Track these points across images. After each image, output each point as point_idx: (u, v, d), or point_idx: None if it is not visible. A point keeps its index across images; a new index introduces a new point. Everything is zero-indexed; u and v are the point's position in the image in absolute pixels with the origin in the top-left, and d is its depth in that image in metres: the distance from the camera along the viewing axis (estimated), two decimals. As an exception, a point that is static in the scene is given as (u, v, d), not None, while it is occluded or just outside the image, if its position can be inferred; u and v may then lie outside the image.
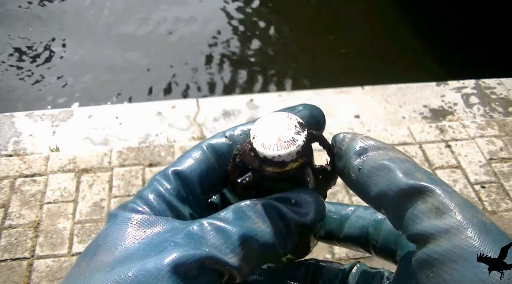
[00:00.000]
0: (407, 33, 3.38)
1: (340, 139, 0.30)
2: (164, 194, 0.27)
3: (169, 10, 3.54)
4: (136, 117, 2.24)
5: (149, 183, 0.29)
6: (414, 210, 0.24)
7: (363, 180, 0.27)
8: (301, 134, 0.27)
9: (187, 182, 0.28)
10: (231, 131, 0.31)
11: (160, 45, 3.28)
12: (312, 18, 3.56)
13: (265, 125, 0.28)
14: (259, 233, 0.25)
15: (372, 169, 0.27)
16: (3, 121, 2.19)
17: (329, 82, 2.58)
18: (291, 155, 0.27)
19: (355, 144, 0.28)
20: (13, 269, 1.62)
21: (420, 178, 0.25)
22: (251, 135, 0.28)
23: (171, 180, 0.28)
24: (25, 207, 1.80)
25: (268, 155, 0.27)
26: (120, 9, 3.54)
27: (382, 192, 0.25)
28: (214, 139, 0.30)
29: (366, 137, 0.29)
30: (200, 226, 0.25)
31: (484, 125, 2.18)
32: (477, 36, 3.26)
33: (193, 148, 0.30)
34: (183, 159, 0.30)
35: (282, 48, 3.39)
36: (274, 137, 0.27)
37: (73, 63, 3.12)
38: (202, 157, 0.29)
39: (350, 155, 0.28)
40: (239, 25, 3.49)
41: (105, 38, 3.30)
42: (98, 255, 0.24)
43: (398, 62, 3.15)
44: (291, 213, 0.27)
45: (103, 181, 1.90)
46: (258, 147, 0.27)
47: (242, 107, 2.31)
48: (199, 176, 0.29)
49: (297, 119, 0.28)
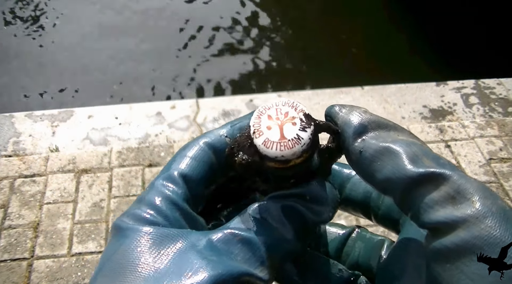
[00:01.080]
0: (407, 33, 3.39)
1: (335, 112, 0.27)
2: (175, 200, 0.25)
3: (169, 11, 3.54)
4: (135, 117, 2.24)
5: (154, 187, 0.26)
6: (427, 199, 0.22)
7: (365, 164, 0.24)
8: (307, 131, 0.25)
9: (193, 185, 0.27)
10: (229, 129, 0.29)
11: (160, 45, 3.27)
12: (313, 18, 3.56)
13: (267, 119, 0.26)
14: (284, 241, 0.24)
15: (375, 152, 0.24)
16: (3, 122, 2.19)
17: (328, 82, 2.58)
18: (296, 154, 0.25)
19: (353, 120, 0.26)
20: (13, 269, 1.62)
21: (428, 164, 0.23)
22: (251, 130, 0.26)
23: (180, 183, 0.26)
24: (24, 207, 1.80)
25: (270, 155, 0.25)
26: (119, 6, 3.54)
27: (388, 179, 0.23)
28: (212, 137, 0.28)
29: (365, 112, 0.26)
30: (224, 238, 0.24)
31: (484, 125, 2.18)
32: (477, 36, 3.27)
33: (190, 146, 0.28)
34: (183, 159, 0.27)
35: (282, 48, 3.39)
36: (277, 134, 0.25)
37: (73, 63, 3.12)
38: (204, 156, 0.27)
39: (349, 133, 0.25)
40: (238, 24, 3.49)
41: (105, 37, 3.30)
42: (123, 275, 0.22)
43: (398, 62, 3.15)
44: (310, 214, 0.25)
45: (103, 181, 1.90)
46: (259, 144, 0.25)
47: (242, 107, 2.31)
48: (203, 178, 0.27)
49: (303, 110, 0.26)
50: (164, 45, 3.28)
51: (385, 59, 3.14)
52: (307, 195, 0.26)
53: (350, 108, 0.27)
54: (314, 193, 0.26)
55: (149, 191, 0.26)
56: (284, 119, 0.25)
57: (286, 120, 0.25)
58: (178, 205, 0.25)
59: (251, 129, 0.26)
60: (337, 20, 3.56)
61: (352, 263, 0.31)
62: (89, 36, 3.31)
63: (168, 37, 3.34)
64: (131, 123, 2.21)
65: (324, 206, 0.26)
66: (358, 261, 0.31)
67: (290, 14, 3.65)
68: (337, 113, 0.27)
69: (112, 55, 3.18)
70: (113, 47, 3.24)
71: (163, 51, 3.23)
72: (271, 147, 0.25)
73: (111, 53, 3.19)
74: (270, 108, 0.26)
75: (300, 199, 0.26)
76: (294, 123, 0.25)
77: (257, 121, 0.26)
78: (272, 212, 0.25)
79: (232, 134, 0.29)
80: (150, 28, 3.39)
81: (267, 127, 0.25)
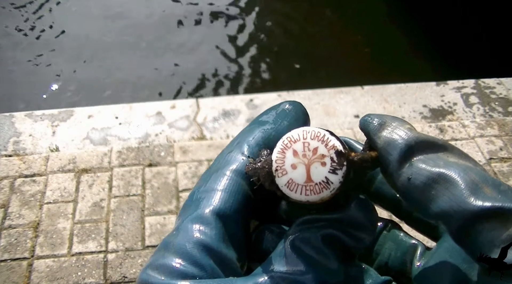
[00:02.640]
0: (407, 32, 3.38)
1: (374, 130, 0.24)
2: (209, 244, 0.22)
3: (170, 11, 3.54)
4: (135, 117, 2.24)
5: (182, 229, 0.23)
6: (492, 237, 0.19)
7: (416, 193, 0.22)
8: (338, 173, 0.22)
9: (228, 222, 0.24)
10: (248, 148, 0.26)
11: (160, 44, 3.27)
12: (313, 18, 3.56)
13: (292, 155, 0.22)
14: (331, 274, 0.22)
15: (427, 180, 0.21)
16: (3, 121, 2.19)
17: (328, 82, 2.58)
18: (323, 199, 0.22)
19: (398, 141, 0.22)
20: (13, 269, 1.62)
21: (490, 194, 0.20)
22: (273, 166, 0.23)
23: (213, 223, 0.23)
24: (24, 207, 1.80)
25: (293, 198, 0.22)
26: (121, 2, 3.54)
27: (445, 212, 0.21)
28: (235, 163, 0.26)
29: (410, 129, 0.23)
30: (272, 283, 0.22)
31: (484, 125, 2.18)
32: (477, 36, 3.26)
33: (216, 177, 0.25)
34: (211, 193, 0.24)
35: (282, 48, 3.39)
36: (302, 175, 0.22)
37: (73, 62, 3.12)
38: (234, 187, 0.25)
39: (394, 157, 0.22)
40: (238, 24, 3.49)
41: (105, 36, 3.30)
42: None
43: (398, 62, 3.15)
44: (350, 240, 0.23)
45: (103, 181, 1.90)
46: (282, 185, 0.22)
47: (242, 107, 2.31)
48: (237, 211, 0.24)
49: (335, 146, 0.22)
50: (164, 44, 3.27)
51: (385, 59, 3.14)
52: (344, 220, 0.23)
53: (392, 124, 0.23)
54: (353, 217, 0.23)
55: (177, 235, 0.23)
56: (312, 157, 0.22)
57: (315, 159, 0.22)
58: (212, 250, 0.22)
59: (273, 166, 0.23)
60: (337, 20, 3.56)
61: (381, 264, 0.30)
62: (89, 36, 3.31)
63: (168, 37, 3.34)
64: (131, 123, 2.21)
65: (364, 230, 0.23)
66: (388, 263, 0.29)
67: (290, 14, 3.65)
68: (378, 131, 0.24)
69: (112, 55, 3.18)
70: (113, 47, 3.24)
71: (162, 51, 3.23)
72: (295, 190, 0.22)
73: (111, 53, 3.19)
74: (297, 142, 0.23)
75: (337, 224, 0.23)
76: (323, 163, 0.22)
77: (280, 156, 0.23)
78: (313, 244, 0.22)
79: (253, 152, 0.26)
80: (150, 28, 3.39)
81: (292, 165, 0.22)
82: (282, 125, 0.27)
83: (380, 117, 0.24)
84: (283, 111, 0.28)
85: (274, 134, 0.27)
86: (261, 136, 0.27)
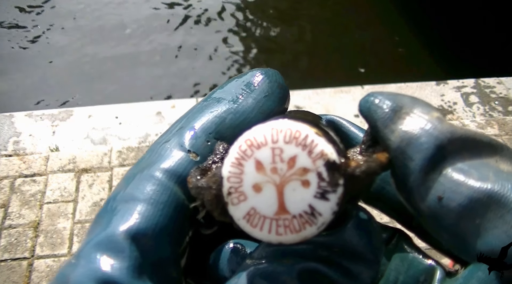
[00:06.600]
0: (407, 32, 3.38)
1: (384, 117, 0.15)
2: (118, 280, 0.15)
3: (170, 11, 3.54)
4: (135, 117, 2.24)
5: (83, 256, 0.16)
6: None
7: (448, 220, 0.14)
8: (330, 199, 0.13)
9: (151, 246, 0.17)
10: (193, 138, 0.19)
11: (159, 44, 3.27)
12: (312, 18, 3.56)
13: (254, 169, 0.14)
14: None
15: (468, 202, 0.14)
16: (3, 121, 2.19)
17: (328, 81, 2.58)
18: (306, 238, 0.15)
19: (421, 137, 0.14)
20: (13, 269, 1.62)
21: None
22: (224, 187, 0.14)
23: (125, 251, 0.16)
24: (25, 207, 1.80)
25: (258, 237, 0.15)
26: (119, 1, 3.54)
27: (492, 252, 0.14)
28: (171, 160, 0.18)
29: (439, 119, 0.15)
30: None
31: (484, 124, 2.18)
32: (477, 36, 3.26)
33: (140, 179, 0.18)
34: (131, 204, 0.17)
35: (282, 47, 3.39)
36: (272, 202, 0.14)
37: (72, 63, 3.12)
38: (163, 196, 0.17)
39: (416, 162, 0.15)
40: (238, 24, 3.49)
41: (104, 36, 3.30)
42: None
43: (398, 61, 3.15)
44: (341, 278, 0.16)
45: (103, 180, 1.90)
46: (238, 217, 0.14)
47: (242, 107, 2.31)
48: (166, 230, 0.17)
49: (324, 153, 0.14)
50: (163, 44, 3.28)
51: (385, 59, 3.14)
52: (335, 246, 0.16)
53: (412, 111, 0.15)
54: (348, 242, 0.16)
55: (76, 266, 0.16)
56: (288, 173, 0.14)
57: (291, 176, 0.14)
58: None
59: (224, 186, 0.14)
60: (337, 20, 3.56)
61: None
62: (89, 36, 3.31)
63: (167, 36, 3.34)
64: (131, 123, 2.21)
65: (363, 261, 0.16)
66: None
67: (290, 14, 3.65)
68: (391, 122, 0.15)
69: (112, 55, 3.18)
70: (113, 47, 3.24)
71: (162, 51, 3.23)
72: (259, 226, 0.14)
73: (111, 53, 3.19)
74: (262, 148, 0.14)
75: (324, 251, 0.15)
76: (305, 183, 0.13)
77: (235, 171, 0.14)
78: (284, 282, 0.15)
79: (197, 145, 0.19)
80: (149, 27, 3.39)
81: (254, 186, 0.14)
82: (244, 105, 0.19)
83: (393, 99, 0.16)
84: (250, 84, 0.20)
85: (232, 119, 0.19)
86: (212, 120, 0.19)
